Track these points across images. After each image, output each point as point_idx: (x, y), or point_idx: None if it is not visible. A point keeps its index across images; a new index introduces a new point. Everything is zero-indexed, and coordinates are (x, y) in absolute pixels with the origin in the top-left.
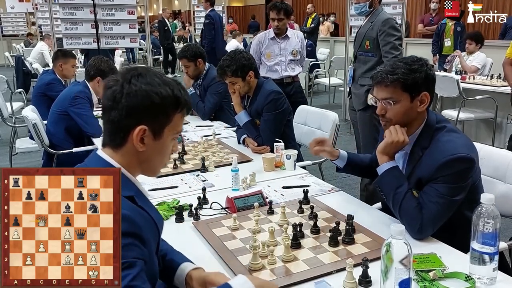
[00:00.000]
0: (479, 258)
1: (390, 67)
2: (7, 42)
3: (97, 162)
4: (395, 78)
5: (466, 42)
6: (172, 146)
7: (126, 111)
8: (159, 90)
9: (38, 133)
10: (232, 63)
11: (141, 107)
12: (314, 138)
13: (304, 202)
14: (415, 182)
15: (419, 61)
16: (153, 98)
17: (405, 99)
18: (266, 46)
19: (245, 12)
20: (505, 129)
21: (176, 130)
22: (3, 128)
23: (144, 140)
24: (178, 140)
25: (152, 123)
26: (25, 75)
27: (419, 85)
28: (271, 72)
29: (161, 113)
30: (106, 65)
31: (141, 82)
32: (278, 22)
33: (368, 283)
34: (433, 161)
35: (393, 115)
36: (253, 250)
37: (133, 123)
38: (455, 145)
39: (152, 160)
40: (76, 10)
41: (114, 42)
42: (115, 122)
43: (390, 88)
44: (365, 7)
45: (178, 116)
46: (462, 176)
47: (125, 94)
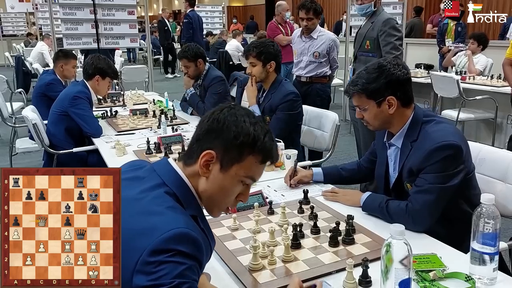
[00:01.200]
0: (479, 258)
1: (355, 77)
2: (7, 42)
3: (165, 170)
4: (355, 89)
5: (469, 41)
6: (239, 192)
7: (204, 132)
8: (241, 125)
9: (38, 133)
10: (261, 45)
11: (217, 133)
12: (284, 178)
13: (304, 202)
14: (408, 175)
15: (380, 68)
16: (231, 129)
17: (371, 106)
18: (295, 43)
19: (245, 12)
20: (505, 129)
21: (246, 173)
22: (3, 128)
23: (210, 166)
24: (178, 140)
25: (222, 153)
26: (25, 75)
27: (381, 91)
28: (295, 67)
29: (234, 147)
30: (105, 63)
31: (230, 113)
32: (307, 21)
33: (368, 283)
34: (421, 151)
35: (369, 120)
36: (253, 250)
37: (206, 146)
38: (441, 133)
39: (211, 193)
40: (76, 10)
41: (114, 42)
42: (194, 140)
43: (356, 98)
44: (370, 8)
45: (252, 159)
46: (450, 163)
47: (211, 119)
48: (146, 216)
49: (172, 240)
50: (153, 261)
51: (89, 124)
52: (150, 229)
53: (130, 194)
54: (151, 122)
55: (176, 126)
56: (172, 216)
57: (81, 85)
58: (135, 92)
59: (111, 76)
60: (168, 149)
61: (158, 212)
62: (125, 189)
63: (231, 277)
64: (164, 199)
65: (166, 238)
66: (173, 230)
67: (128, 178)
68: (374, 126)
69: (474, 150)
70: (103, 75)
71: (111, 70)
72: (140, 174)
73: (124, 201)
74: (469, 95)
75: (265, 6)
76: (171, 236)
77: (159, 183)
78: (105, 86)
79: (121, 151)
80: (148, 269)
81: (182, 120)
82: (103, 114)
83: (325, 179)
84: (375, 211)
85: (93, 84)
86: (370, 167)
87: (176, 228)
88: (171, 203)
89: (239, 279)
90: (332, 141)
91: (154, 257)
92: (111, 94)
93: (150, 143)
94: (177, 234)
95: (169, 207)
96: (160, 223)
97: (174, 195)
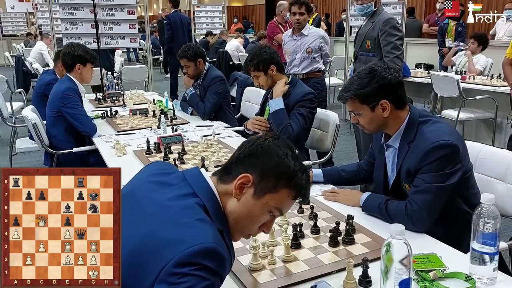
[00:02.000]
0: (479, 258)
1: (347, 83)
2: (7, 42)
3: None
4: (348, 95)
5: (470, 41)
6: (264, 223)
7: (246, 155)
8: (283, 156)
9: (38, 133)
10: (254, 57)
11: (258, 158)
12: None
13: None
14: (406, 176)
15: (371, 73)
16: (272, 157)
17: (365, 110)
18: (286, 43)
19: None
20: (505, 129)
21: (277, 204)
22: (3, 128)
23: (244, 190)
24: (178, 140)
25: (259, 179)
26: (25, 75)
27: (374, 95)
28: (289, 67)
29: (272, 176)
30: (81, 50)
31: (274, 143)
32: (300, 16)
33: (368, 283)
34: (417, 152)
35: (364, 124)
36: (253, 250)
37: (245, 169)
38: (437, 133)
39: (239, 217)
40: (76, 10)
41: (114, 42)
42: (234, 160)
43: (350, 103)
44: (370, 8)
45: (285, 192)
46: (446, 162)
47: (256, 144)
48: (175, 227)
49: (199, 255)
50: (178, 272)
51: (82, 123)
52: (178, 240)
53: (159, 199)
54: (151, 122)
55: (176, 126)
56: (201, 229)
57: (66, 81)
58: (135, 92)
59: (91, 61)
60: (168, 149)
61: (188, 224)
62: (154, 193)
63: (231, 277)
64: (194, 210)
65: (194, 252)
66: (201, 245)
67: (157, 181)
68: (370, 130)
69: (474, 150)
70: (83, 62)
71: (89, 55)
72: (169, 180)
73: (153, 206)
74: (469, 95)
75: (265, 6)
76: (199, 250)
77: (190, 192)
78: (88, 73)
79: (121, 151)
80: (171, 279)
81: (182, 120)
82: (103, 114)
83: (324, 180)
84: (375, 212)
85: (76, 74)
86: (370, 169)
87: (204, 243)
88: (201, 215)
89: (239, 279)
90: (332, 141)
91: (179, 269)
92: (111, 94)
93: (150, 143)
94: (204, 249)
95: (199, 219)
96: (188, 236)
97: (204, 207)
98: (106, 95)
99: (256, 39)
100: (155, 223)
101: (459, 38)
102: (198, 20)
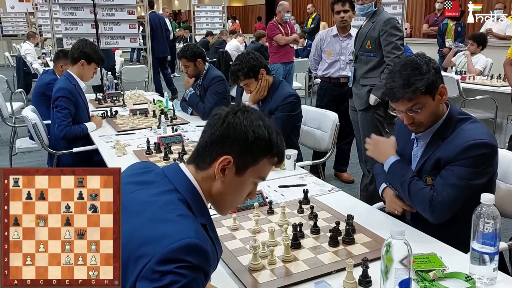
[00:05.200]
0: (479, 258)
1: (402, 79)
2: (7, 42)
3: (177, 176)
4: (414, 89)
5: (468, 42)
6: (249, 191)
7: (220, 138)
8: (257, 130)
9: (38, 133)
10: (242, 66)
11: (233, 139)
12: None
13: (304, 202)
14: (432, 167)
15: (423, 60)
16: (248, 134)
17: (428, 101)
18: (328, 43)
19: (245, 12)
20: (505, 129)
21: (259, 175)
22: (3, 128)
23: (226, 171)
24: (178, 140)
25: (238, 157)
26: (26, 75)
27: (434, 82)
28: (331, 68)
29: (250, 152)
30: (91, 48)
31: (244, 117)
32: (344, 13)
33: (368, 283)
34: (454, 146)
35: (423, 119)
36: (253, 250)
37: (222, 151)
38: (478, 132)
39: (225, 195)
40: (76, 10)
41: (114, 42)
42: (208, 145)
43: (410, 99)
44: (371, 8)
45: (266, 161)
46: (482, 161)
47: (225, 123)
48: (157, 223)
49: (181, 251)
50: (160, 270)
51: (54, 127)
52: (160, 237)
53: (140, 198)
54: (151, 122)
55: (176, 126)
56: (183, 225)
57: (62, 81)
58: (135, 92)
59: (97, 62)
60: (168, 149)
61: (170, 220)
62: (135, 193)
63: (231, 277)
64: (176, 206)
65: (176, 248)
66: (183, 240)
67: (137, 182)
68: (427, 125)
69: None
70: (89, 60)
71: (96, 56)
72: (150, 178)
73: (136, 205)
74: (469, 95)
75: (265, 6)
76: (181, 246)
77: (171, 189)
78: (90, 72)
79: (121, 151)
80: (153, 276)
81: (182, 120)
82: (103, 114)
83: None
84: (395, 180)
85: (78, 69)
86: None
87: (186, 238)
88: (183, 210)
89: (239, 279)
90: (332, 141)
91: (161, 266)
92: (111, 94)
93: (150, 143)
94: (187, 244)
95: (181, 215)
96: (170, 232)
97: (186, 202)
98: (106, 95)
99: (255, 39)
100: (137, 221)
101: (458, 38)
102: (198, 20)
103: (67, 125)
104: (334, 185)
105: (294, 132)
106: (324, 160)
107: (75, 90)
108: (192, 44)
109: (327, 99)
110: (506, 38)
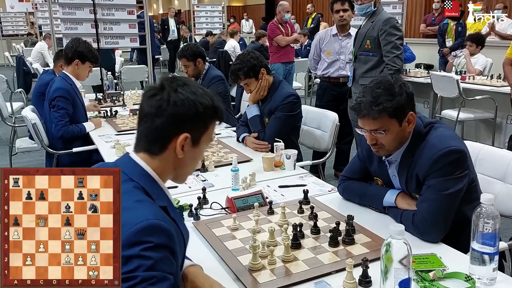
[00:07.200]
0: (479, 258)
1: (371, 97)
2: (7, 42)
3: (129, 165)
4: (380, 109)
5: (467, 43)
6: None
7: (172, 119)
8: (203, 100)
9: (38, 133)
10: (243, 65)
11: (186, 116)
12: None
13: (304, 202)
14: (415, 187)
15: (397, 83)
16: (198, 107)
17: (393, 125)
18: (327, 43)
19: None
20: (505, 129)
21: (210, 138)
22: (3, 128)
23: (184, 147)
24: None
25: (193, 131)
26: (26, 75)
27: (403, 107)
28: (330, 68)
29: (202, 122)
30: (85, 47)
31: (187, 91)
32: (343, 12)
33: (368, 283)
34: (424, 161)
35: (386, 143)
36: (253, 250)
37: (177, 131)
38: (442, 139)
39: (186, 166)
40: (76, 10)
41: (114, 42)
42: (159, 129)
43: (376, 119)
44: (370, 8)
45: (213, 124)
46: (455, 167)
47: (172, 102)
48: None
49: (142, 232)
50: (125, 255)
51: (51, 127)
52: (122, 225)
53: None
54: None
55: None
56: (141, 209)
57: (58, 81)
58: (135, 91)
59: (91, 60)
60: None
61: (127, 207)
62: None
63: (231, 277)
64: (132, 194)
65: (136, 231)
66: (143, 222)
67: None
68: (389, 150)
69: (474, 150)
70: (83, 59)
71: (91, 55)
72: None
73: None
74: (469, 95)
75: (265, 6)
76: (141, 228)
77: (125, 179)
78: (85, 71)
79: (121, 150)
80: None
81: None
82: (104, 114)
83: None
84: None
85: (73, 69)
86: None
87: (145, 220)
88: (139, 196)
89: (239, 279)
90: (332, 141)
91: (126, 251)
92: (111, 94)
93: None
94: (147, 225)
95: (138, 200)
96: (129, 218)
97: (142, 189)
98: (106, 95)
99: (255, 39)
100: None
101: (459, 38)
102: (198, 20)
103: (64, 124)
104: (334, 185)
105: (294, 132)
106: (324, 160)
107: (72, 90)
108: (192, 44)
109: (326, 98)
110: (508, 38)
